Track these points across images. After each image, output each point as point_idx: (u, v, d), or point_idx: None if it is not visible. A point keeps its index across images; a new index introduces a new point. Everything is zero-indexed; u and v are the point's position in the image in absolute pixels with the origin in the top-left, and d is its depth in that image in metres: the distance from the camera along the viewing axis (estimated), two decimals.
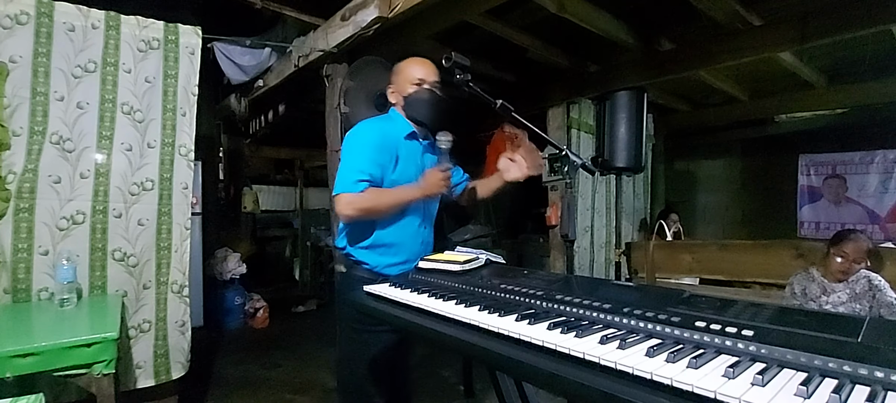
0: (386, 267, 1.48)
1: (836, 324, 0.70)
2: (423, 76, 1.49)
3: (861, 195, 4.77)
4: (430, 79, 1.49)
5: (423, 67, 1.51)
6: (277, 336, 4.04)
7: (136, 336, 2.18)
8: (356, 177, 1.38)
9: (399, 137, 1.50)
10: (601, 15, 2.87)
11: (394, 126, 1.53)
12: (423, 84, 1.48)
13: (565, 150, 1.37)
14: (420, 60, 1.53)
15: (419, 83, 1.48)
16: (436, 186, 1.40)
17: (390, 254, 1.49)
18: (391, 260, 1.49)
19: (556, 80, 3.91)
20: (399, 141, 1.50)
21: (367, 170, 1.39)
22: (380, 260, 1.49)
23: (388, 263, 1.48)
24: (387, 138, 1.47)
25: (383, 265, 1.49)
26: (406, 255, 1.50)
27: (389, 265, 1.48)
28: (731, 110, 4.87)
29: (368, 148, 1.43)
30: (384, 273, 1.47)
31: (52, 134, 1.98)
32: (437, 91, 1.49)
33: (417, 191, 1.41)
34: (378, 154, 1.43)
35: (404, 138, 1.51)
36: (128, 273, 2.15)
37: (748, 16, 2.81)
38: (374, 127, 1.49)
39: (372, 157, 1.41)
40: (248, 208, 5.51)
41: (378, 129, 1.48)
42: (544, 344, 0.75)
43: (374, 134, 1.46)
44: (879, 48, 3.29)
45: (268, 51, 3.31)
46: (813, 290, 2.36)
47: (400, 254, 1.49)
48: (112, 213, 2.10)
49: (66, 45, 2.01)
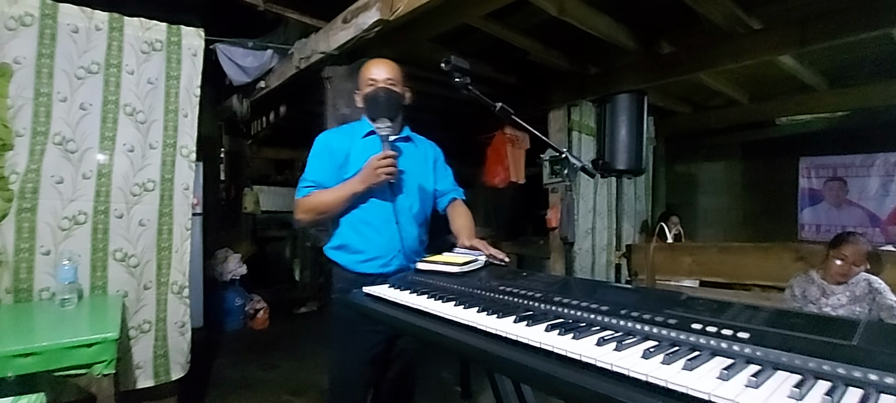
0: (358, 265, 1.49)
1: (831, 327, 0.70)
2: (375, 76, 1.51)
3: (862, 198, 4.77)
4: (381, 77, 1.50)
5: (376, 67, 1.53)
6: (277, 337, 4.04)
7: (137, 337, 2.19)
8: (302, 185, 1.49)
9: (354, 138, 1.53)
10: (601, 18, 2.88)
11: (352, 129, 1.57)
12: (376, 83, 1.50)
13: (565, 153, 1.37)
14: (375, 61, 1.55)
15: (372, 83, 1.50)
16: (373, 175, 1.39)
17: (358, 253, 1.49)
18: (360, 258, 1.49)
19: (557, 83, 3.92)
20: (353, 142, 1.52)
21: (310, 177, 1.49)
22: (349, 259, 1.50)
23: (359, 261, 1.49)
24: (336, 143, 1.52)
25: (354, 262, 1.49)
26: (377, 253, 1.49)
27: (361, 262, 1.49)
28: (732, 113, 4.88)
29: (314, 157, 1.52)
30: (357, 270, 1.48)
31: (55, 134, 1.99)
32: (392, 87, 1.50)
33: (357, 183, 1.42)
34: (323, 160, 1.50)
35: (361, 138, 1.53)
36: (129, 273, 2.16)
37: (748, 19, 2.82)
38: (326, 134, 1.57)
39: (317, 165, 1.50)
40: (248, 209, 5.53)
41: (328, 136, 1.56)
42: (541, 346, 0.75)
43: (322, 141, 1.54)
44: (880, 51, 3.29)
45: (270, 52, 3.33)
46: (813, 293, 2.36)
47: (369, 252, 1.48)
48: (113, 214, 2.11)
49: (70, 47, 2.02)
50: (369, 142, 1.52)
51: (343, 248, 1.52)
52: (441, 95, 4.40)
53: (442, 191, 1.67)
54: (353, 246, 1.50)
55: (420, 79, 3.87)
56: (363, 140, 1.53)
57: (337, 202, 1.46)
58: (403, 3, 2.20)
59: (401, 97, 1.54)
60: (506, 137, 4.70)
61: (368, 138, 1.53)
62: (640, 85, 3.37)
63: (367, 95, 1.51)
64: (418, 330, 0.99)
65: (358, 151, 1.50)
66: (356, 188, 1.43)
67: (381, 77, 1.50)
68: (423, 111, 4.99)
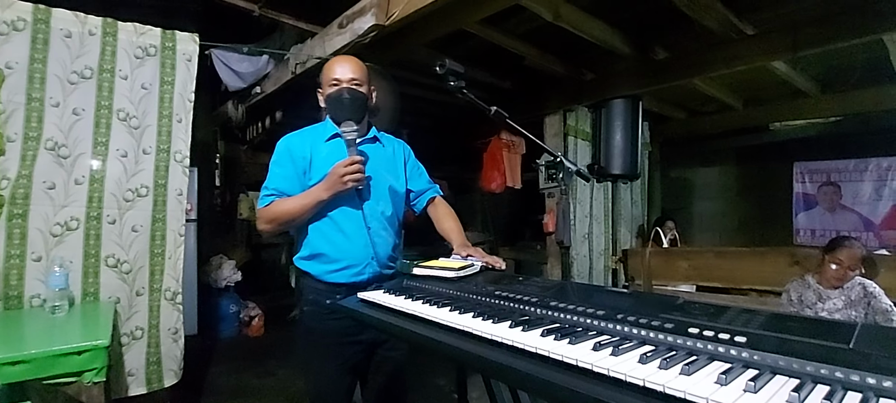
0: (329, 275, 1.42)
1: (828, 331, 0.70)
2: (338, 75, 1.43)
3: (855, 202, 4.80)
4: (345, 78, 1.43)
5: (340, 65, 1.45)
6: (272, 344, 4.01)
7: (129, 344, 2.16)
8: (264, 193, 1.43)
9: (317, 142, 1.46)
10: (596, 23, 2.89)
11: (314, 132, 1.50)
12: (340, 83, 1.42)
13: (560, 157, 1.37)
14: (339, 59, 1.49)
15: (335, 83, 1.43)
16: (339, 182, 1.32)
17: (329, 262, 1.42)
18: (332, 267, 1.42)
19: (553, 88, 3.93)
20: (315, 146, 1.45)
21: (271, 185, 1.43)
22: (320, 269, 1.43)
23: (330, 271, 1.42)
24: (297, 148, 1.44)
25: (325, 272, 1.43)
26: (349, 261, 1.42)
27: (330, 271, 1.42)
28: (726, 118, 4.91)
29: (275, 163, 1.45)
30: (329, 280, 1.42)
31: (47, 140, 1.97)
32: (356, 88, 1.43)
33: (323, 191, 1.35)
34: (285, 167, 1.43)
35: (325, 141, 1.46)
36: (121, 279, 2.13)
37: (741, 25, 2.85)
38: (287, 139, 1.48)
39: (279, 172, 1.44)
40: (243, 215, 5.49)
41: (290, 141, 1.47)
42: (537, 351, 0.74)
43: (283, 146, 1.47)
44: (871, 57, 3.33)
45: (265, 58, 3.32)
46: (809, 297, 2.36)
47: (342, 261, 1.41)
48: (106, 219, 2.09)
49: (63, 52, 2.00)
50: (333, 146, 1.44)
51: (313, 258, 1.44)
52: (438, 100, 4.41)
53: (417, 190, 1.61)
54: (323, 255, 1.43)
55: (416, 84, 3.89)
56: (327, 144, 1.46)
57: (301, 211, 1.38)
58: (399, 9, 2.21)
59: (366, 98, 1.46)
60: (502, 142, 4.71)
61: (332, 141, 1.46)
62: (635, 90, 3.39)
63: (329, 96, 1.43)
64: (414, 335, 0.98)
65: (322, 156, 1.43)
66: (321, 196, 1.35)
67: (345, 77, 1.42)
68: (420, 116, 4.99)
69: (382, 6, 2.27)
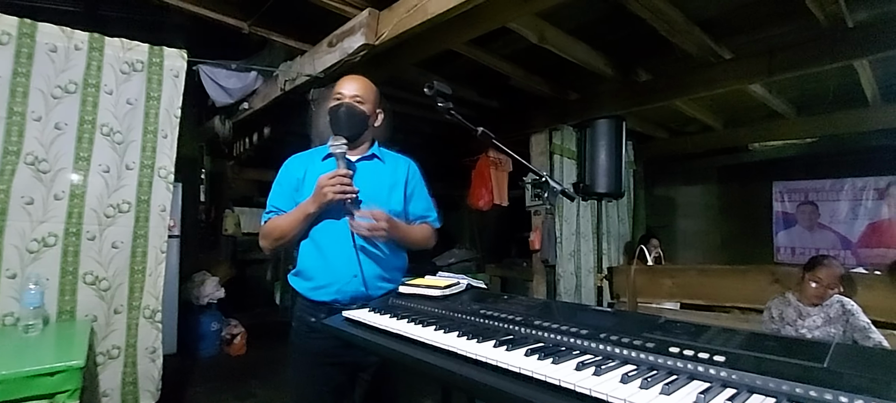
0: (312, 293, 1.40)
1: (803, 350, 0.72)
2: (342, 90, 1.45)
3: (833, 221, 4.93)
4: (348, 93, 1.44)
5: (346, 82, 1.47)
6: (254, 363, 3.91)
7: (104, 363, 2.09)
8: (265, 212, 1.49)
9: (314, 161, 1.48)
10: (580, 46, 2.97)
11: (314, 152, 1.54)
12: (342, 98, 1.44)
13: (545, 176, 1.39)
14: (348, 76, 1.49)
15: (338, 97, 1.45)
16: (319, 193, 1.32)
17: (313, 279, 1.41)
18: (313, 284, 1.40)
19: (539, 107, 4.00)
20: (310, 164, 1.47)
21: (270, 203, 1.48)
22: (304, 286, 1.43)
23: (312, 288, 1.41)
24: (294, 167, 1.50)
25: (308, 289, 1.41)
26: (330, 279, 1.38)
27: (314, 289, 1.40)
28: (707, 138, 5.04)
29: (276, 183, 1.51)
30: (312, 298, 1.40)
31: (27, 154, 1.94)
32: (357, 104, 1.44)
33: (309, 204, 1.35)
34: (282, 185, 1.49)
35: (321, 160, 1.47)
36: (99, 297, 2.08)
37: (719, 49, 2.95)
38: (289, 159, 1.54)
39: (277, 190, 1.49)
40: (229, 231, 5.42)
41: (290, 161, 1.53)
42: (521, 371, 0.75)
43: (283, 169, 1.52)
44: (843, 81, 3.47)
45: (253, 74, 3.33)
46: (789, 314, 2.40)
47: (322, 278, 1.39)
48: (85, 236, 2.04)
49: (47, 66, 1.98)
50: (328, 164, 1.43)
51: (299, 275, 1.45)
52: (426, 118, 4.45)
53: (413, 216, 1.53)
54: (307, 272, 1.42)
55: (405, 101, 3.92)
56: (322, 162, 1.46)
57: (292, 225, 1.39)
58: (388, 29, 2.24)
59: (365, 116, 1.45)
60: (490, 160, 4.75)
61: (328, 161, 1.45)
62: (619, 110, 3.46)
63: (329, 109, 1.46)
64: (398, 355, 0.98)
65: (314, 173, 1.42)
66: (308, 209, 1.35)
67: (348, 93, 1.44)
68: (410, 134, 5.02)
69: (372, 26, 2.30)
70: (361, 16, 2.33)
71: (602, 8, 2.59)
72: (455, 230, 6.53)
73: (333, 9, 2.33)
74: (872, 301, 2.45)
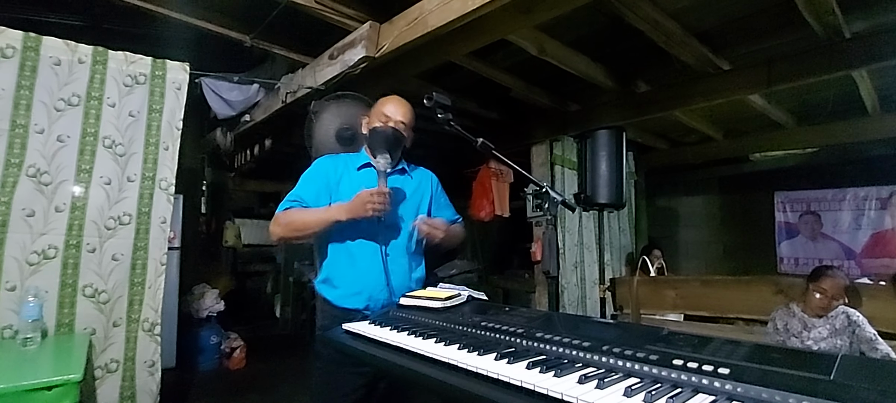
0: (342, 300, 1.45)
1: (809, 362, 0.71)
2: (390, 113, 1.54)
3: (836, 231, 4.90)
4: (395, 118, 1.53)
5: (394, 105, 1.56)
6: (254, 377, 3.88)
7: (103, 377, 2.07)
8: (287, 199, 1.48)
9: (349, 168, 1.54)
10: (580, 58, 2.99)
11: (349, 158, 1.58)
12: (389, 120, 1.52)
13: (546, 187, 1.39)
14: (394, 99, 1.58)
15: (385, 119, 1.53)
16: (361, 207, 1.37)
17: (343, 287, 1.46)
18: (344, 292, 1.46)
19: (539, 119, 4.01)
20: (346, 170, 1.53)
21: (295, 193, 1.49)
22: (334, 294, 1.47)
23: (343, 295, 1.46)
24: (328, 168, 1.53)
25: (338, 297, 1.46)
26: (361, 287, 1.45)
27: (345, 297, 1.45)
28: (708, 148, 5.04)
29: (307, 176, 1.53)
30: (342, 305, 1.45)
31: (29, 166, 1.94)
32: (400, 130, 1.53)
33: (342, 212, 1.40)
34: (316, 181, 1.50)
35: (357, 169, 1.54)
36: (98, 310, 2.07)
37: (718, 60, 2.96)
38: (325, 159, 1.58)
39: (307, 184, 1.50)
40: (229, 242, 5.41)
41: (326, 161, 1.57)
42: (523, 385, 0.74)
43: (319, 163, 1.55)
44: (842, 91, 3.48)
45: (255, 86, 3.35)
46: (794, 326, 2.38)
47: (354, 286, 1.45)
48: (86, 248, 2.04)
49: (51, 79, 2.00)
50: (363, 175, 1.52)
51: (328, 282, 1.49)
52: (428, 130, 4.45)
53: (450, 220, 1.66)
54: (338, 280, 1.47)
55: None
56: (358, 172, 1.53)
57: (316, 224, 1.43)
58: (388, 42, 2.26)
59: (404, 140, 1.57)
60: (490, 171, 4.75)
61: (363, 171, 1.54)
62: (619, 121, 3.47)
63: (375, 129, 1.53)
64: (398, 368, 0.96)
65: (349, 181, 1.50)
66: (339, 216, 1.40)
67: (395, 117, 1.54)
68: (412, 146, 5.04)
69: (372, 39, 2.32)
70: (362, 29, 2.35)
71: (601, 20, 2.61)
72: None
73: (334, 22, 2.36)
74: (877, 311, 2.43)
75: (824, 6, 2.26)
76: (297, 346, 4.81)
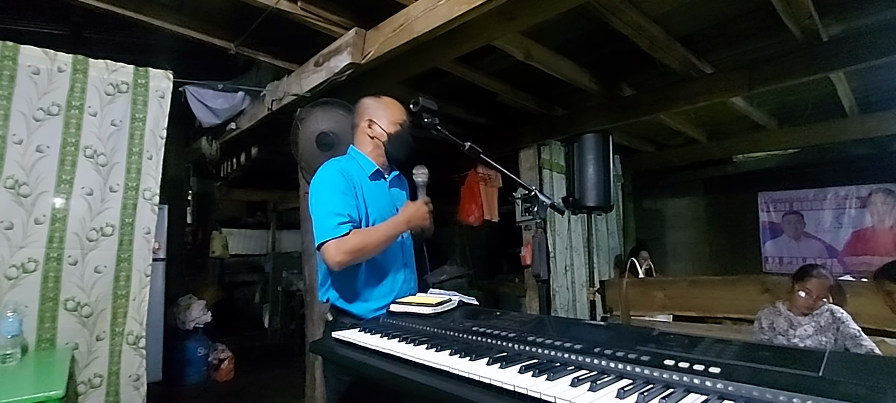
0: (374, 313, 1.41)
1: (798, 359, 0.71)
2: (404, 117, 1.56)
3: (818, 230, 5.01)
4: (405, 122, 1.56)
5: (400, 109, 1.58)
6: (242, 389, 3.81)
7: (86, 392, 2.02)
8: (336, 221, 1.31)
9: (362, 177, 1.49)
10: (565, 62, 3.02)
11: (356, 166, 1.51)
12: (404, 126, 1.55)
13: (534, 190, 1.39)
14: (396, 102, 1.60)
15: (402, 124, 1.55)
16: (420, 218, 1.42)
17: (376, 299, 1.42)
18: (378, 304, 1.42)
19: (526, 123, 4.04)
20: (363, 180, 1.49)
21: (345, 212, 1.34)
22: (363, 308, 1.41)
23: (377, 308, 1.41)
24: (350, 179, 1.43)
25: (371, 310, 1.41)
26: (388, 290, 1.45)
27: (378, 309, 1.41)
28: (692, 151, 5.12)
29: (338, 191, 1.38)
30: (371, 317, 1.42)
31: (7, 178, 1.89)
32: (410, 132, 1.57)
33: (403, 224, 1.41)
34: (345, 196, 1.39)
35: (369, 177, 1.50)
36: (80, 324, 2.01)
37: (700, 64, 3.02)
38: (335, 169, 1.44)
39: (343, 200, 1.37)
40: (216, 252, 5.32)
41: (340, 171, 1.43)
42: (516, 389, 0.73)
43: (338, 176, 1.42)
44: (821, 93, 3.57)
45: (241, 94, 3.32)
46: (780, 324, 2.41)
47: (387, 298, 1.42)
48: (67, 261, 1.99)
49: (29, 88, 1.95)
50: (378, 185, 1.52)
51: (360, 297, 1.42)
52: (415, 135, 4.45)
53: None
54: (368, 293, 1.42)
55: None
56: (371, 182, 1.50)
57: (386, 242, 1.39)
58: (374, 48, 2.26)
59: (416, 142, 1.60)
60: (479, 176, 4.76)
61: (377, 180, 1.52)
62: (605, 125, 3.51)
63: (395, 135, 1.51)
64: (387, 375, 0.95)
65: (371, 192, 1.47)
66: (402, 229, 1.42)
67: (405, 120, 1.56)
68: None
69: (358, 45, 2.32)
70: (348, 35, 2.34)
71: (585, 25, 2.64)
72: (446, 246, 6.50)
73: (320, 29, 2.35)
74: (861, 308, 2.48)
75: (802, 11, 2.32)
76: (286, 356, 4.73)
